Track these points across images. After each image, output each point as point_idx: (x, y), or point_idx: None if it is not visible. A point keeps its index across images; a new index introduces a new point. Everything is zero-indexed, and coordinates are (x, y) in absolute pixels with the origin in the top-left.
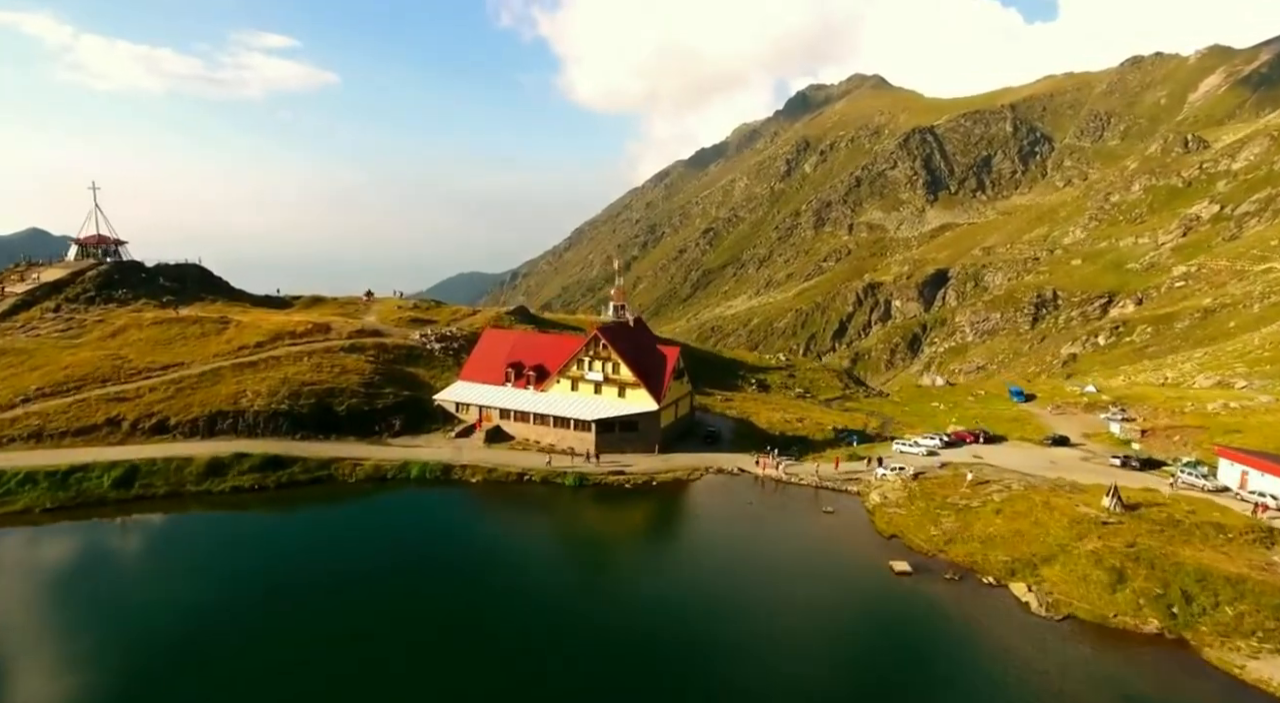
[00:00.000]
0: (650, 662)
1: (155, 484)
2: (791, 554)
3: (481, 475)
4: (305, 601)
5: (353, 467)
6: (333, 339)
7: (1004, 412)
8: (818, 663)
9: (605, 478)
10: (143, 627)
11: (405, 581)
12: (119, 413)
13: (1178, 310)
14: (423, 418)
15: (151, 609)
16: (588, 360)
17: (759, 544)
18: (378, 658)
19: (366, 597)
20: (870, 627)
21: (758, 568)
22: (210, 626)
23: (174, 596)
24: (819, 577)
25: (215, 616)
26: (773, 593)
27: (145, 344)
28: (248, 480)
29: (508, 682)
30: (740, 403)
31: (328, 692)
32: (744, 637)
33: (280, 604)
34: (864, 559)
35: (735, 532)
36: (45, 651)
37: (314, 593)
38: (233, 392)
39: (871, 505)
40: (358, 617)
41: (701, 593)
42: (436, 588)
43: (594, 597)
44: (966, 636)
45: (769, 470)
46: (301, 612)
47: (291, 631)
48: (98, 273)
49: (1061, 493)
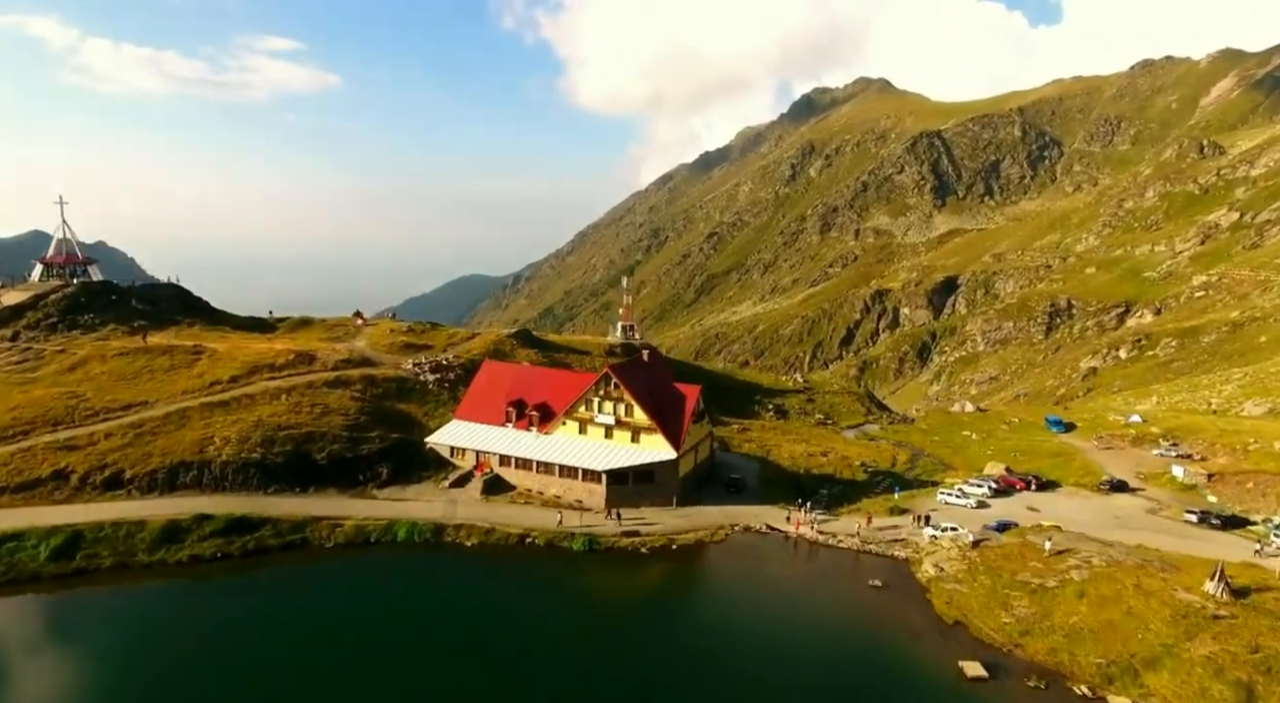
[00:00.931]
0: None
1: (101, 554)
2: (837, 647)
3: (478, 538)
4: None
5: (331, 528)
6: (316, 370)
7: (1043, 444)
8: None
9: (618, 541)
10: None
11: (384, 685)
12: (67, 464)
13: (1203, 323)
14: (413, 464)
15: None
16: (597, 401)
17: (797, 631)
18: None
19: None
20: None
21: (797, 667)
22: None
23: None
24: (874, 682)
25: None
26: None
27: (107, 379)
28: (209, 548)
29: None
30: (759, 433)
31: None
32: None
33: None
34: (925, 656)
35: (767, 614)
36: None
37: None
38: (199, 438)
39: (926, 578)
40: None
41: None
42: (420, 682)
43: (600, 696)
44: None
45: (802, 528)
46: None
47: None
48: (63, 296)
49: (1152, 571)
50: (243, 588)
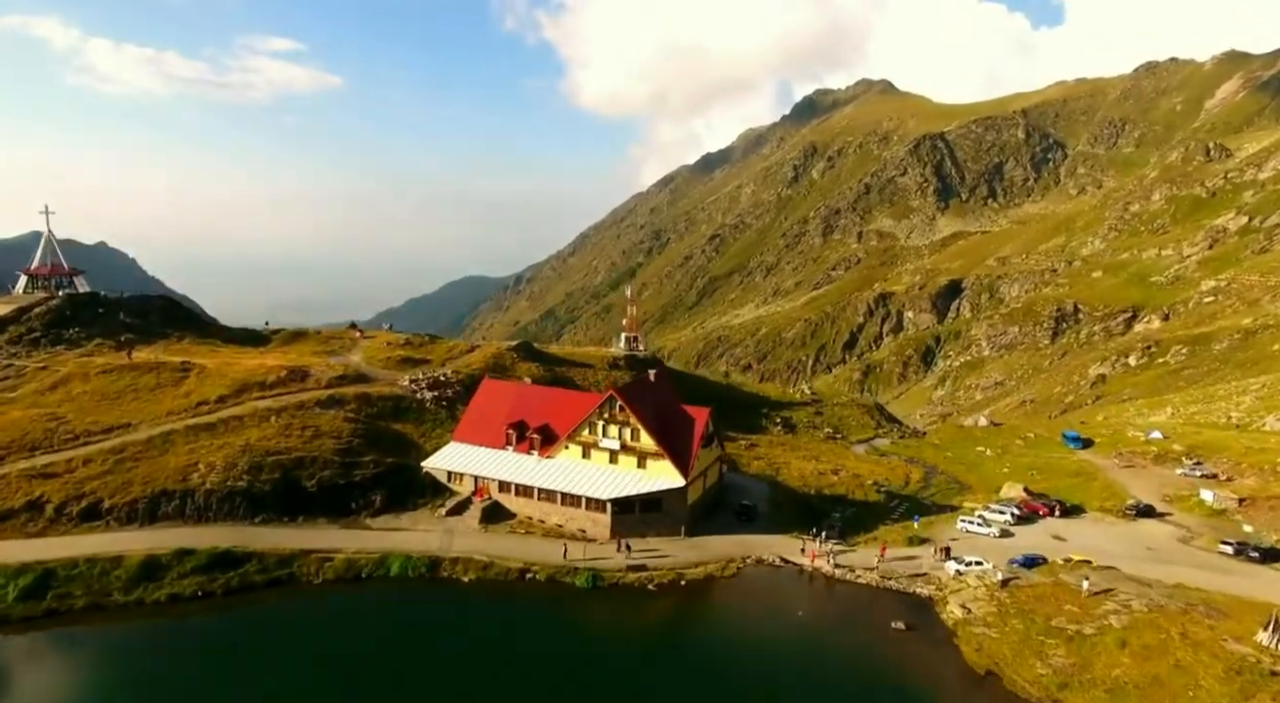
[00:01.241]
0: None
1: (74, 594)
2: (861, 700)
3: (475, 573)
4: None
5: (320, 563)
6: (309, 388)
7: (1061, 462)
8: None
9: (624, 577)
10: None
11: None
12: (43, 493)
13: (1215, 330)
14: (409, 490)
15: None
16: (602, 424)
17: (816, 682)
18: None
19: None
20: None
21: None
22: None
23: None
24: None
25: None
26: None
27: (89, 399)
28: (189, 586)
29: None
30: (767, 449)
31: None
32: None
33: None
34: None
35: (784, 661)
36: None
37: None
38: (183, 465)
39: (952, 621)
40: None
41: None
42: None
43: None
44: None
45: (817, 561)
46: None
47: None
48: (47, 309)
49: (1198, 617)
50: (224, 630)
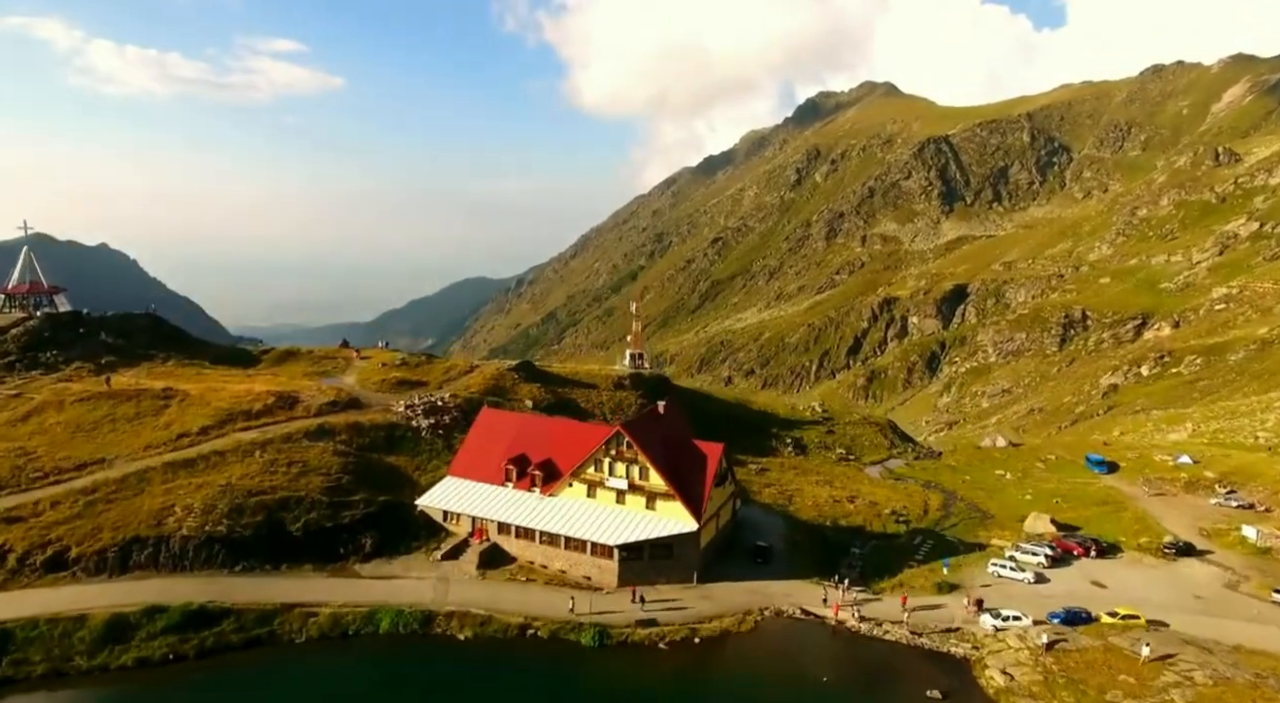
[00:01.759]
0: None
1: (32, 660)
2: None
3: (472, 629)
4: None
5: (303, 619)
6: (298, 416)
7: (1086, 488)
8: None
9: (633, 633)
10: None
11: None
12: (5, 541)
13: (1229, 340)
14: (402, 532)
15: None
16: (608, 462)
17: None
18: None
19: None
20: None
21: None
22: None
23: None
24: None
25: None
26: None
27: (63, 430)
28: (159, 648)
29: None
30: (779, 474)
31: None
32: None
33: None
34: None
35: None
36: None
37: None
38: (158, 508)
39: (994, 689)
40: None
41: None
42: None
43: None
44: None
45: (841, 614)
46: None
47: None
48: (24, 330)
49: (1270, 693)
50: (196, 700)
